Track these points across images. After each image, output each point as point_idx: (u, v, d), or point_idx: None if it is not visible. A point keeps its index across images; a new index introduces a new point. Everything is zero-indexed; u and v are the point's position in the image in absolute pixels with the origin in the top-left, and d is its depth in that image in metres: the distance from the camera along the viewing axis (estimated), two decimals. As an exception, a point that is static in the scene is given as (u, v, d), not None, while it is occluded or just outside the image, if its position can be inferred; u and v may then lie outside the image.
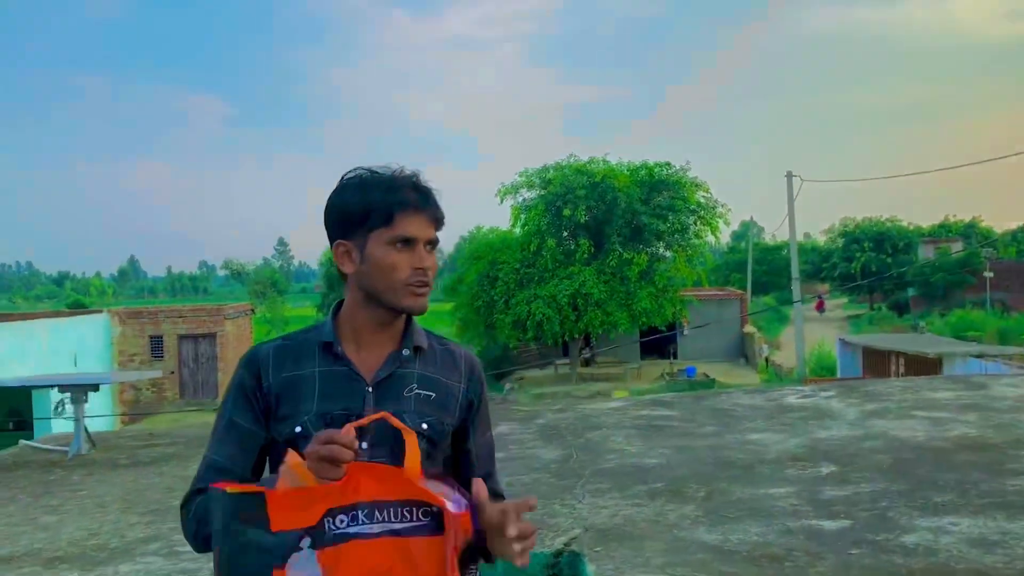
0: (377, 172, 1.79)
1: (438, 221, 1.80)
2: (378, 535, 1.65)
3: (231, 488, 1.64)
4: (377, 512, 1.66)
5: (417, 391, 1.81)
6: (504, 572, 2.56)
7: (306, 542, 1.63)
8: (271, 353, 1.81)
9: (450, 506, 1.66)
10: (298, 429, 1.72)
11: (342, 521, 1.65)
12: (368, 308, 1.81)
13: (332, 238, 1.82)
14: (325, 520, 1.63)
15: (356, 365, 1.79)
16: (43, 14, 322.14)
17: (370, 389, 1.77)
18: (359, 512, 1.65)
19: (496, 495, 1.84)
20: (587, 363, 36.99)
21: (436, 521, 1.69)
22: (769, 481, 5.46)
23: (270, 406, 1.77)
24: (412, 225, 1.75)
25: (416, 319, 1.90)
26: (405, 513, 1.68)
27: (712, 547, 4.19)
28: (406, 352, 1.82)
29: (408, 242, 1.76)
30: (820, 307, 62.07)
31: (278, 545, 1.63)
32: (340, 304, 1.87)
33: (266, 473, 1.84)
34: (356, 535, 1.64)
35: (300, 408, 1.74)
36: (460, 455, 1.89)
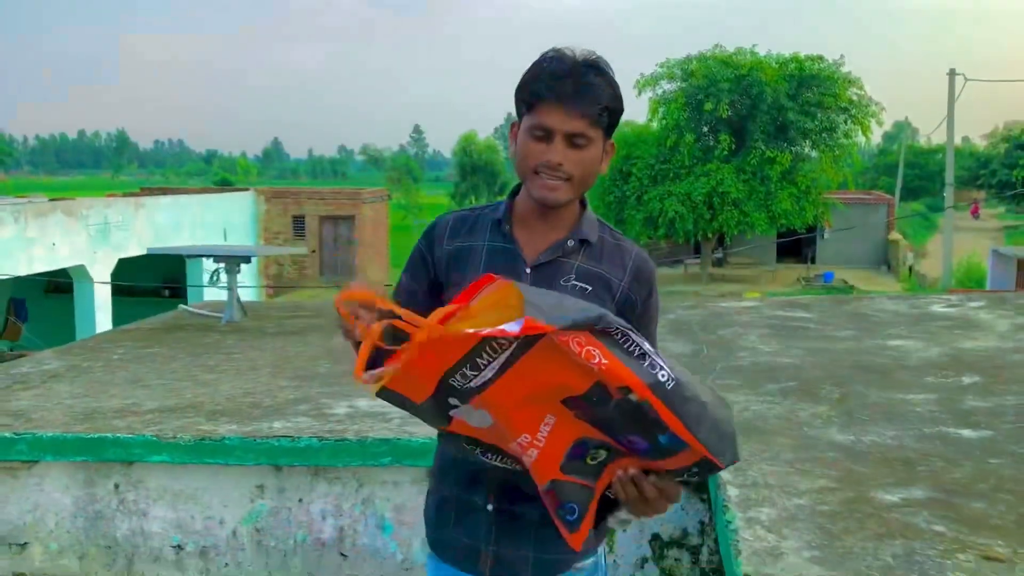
0: (554, 55, 1.77)
1: (590, 117, 1.75)
2: (496, 377, 1.63)
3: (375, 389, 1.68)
4: (478, 359, 1.62)
5: (574, 282, 1.85)
6: None
7: (453, 400, 1.68)
8: (449, 223, 1.92)
9: (510, 327, 1.56)
10: None
11: (464, 377, 1.63)
12: (527, 192, 1.85)
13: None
14: (448, 382, 1.65)
15: (521, 244, 1.86)
16: None
17: (528, 270, 1.84)
18: (465, 368, 1.62)
19: None
20: (719, 263, 36.40)
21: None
22: (907, 387, 5.33)
23: (439, 272, 1.89)
24: (550, 116, 1.73)
25: (590, 210, 1.93)
26: (496, 346, 1.62)
27: (843, 447, 4.16)
28: (571, 243, 1.87)
29: (545, 132, 1.74)
30: (975, 212, 58.72)
31: (434, 408, 1.72)
32: (519, 187, 1.91)
33: None
34: (482, 385, 1.64)
35: (467, 276, 1.81)
36: None
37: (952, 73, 29.93)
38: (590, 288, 1.85)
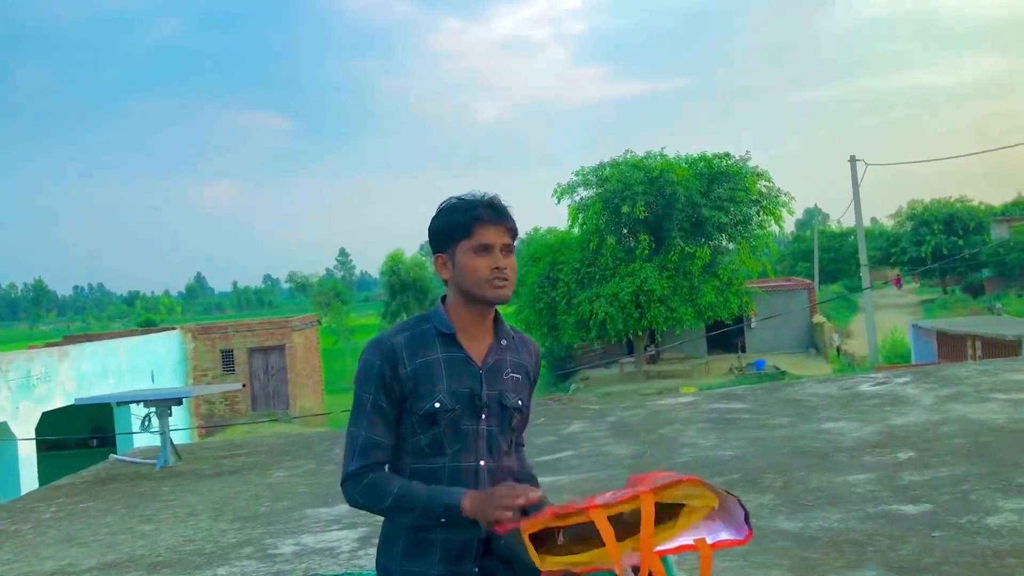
0: (462, 198, 2.24)
1: (511, 230, 2.23)
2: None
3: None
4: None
5: (512, 375, 2.25)
6: None
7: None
8: (403, 344, 2.19)
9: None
10: (437, 404, 2.13)
11: None
12: (467, 305, 2.22)
13: (434, 252, 2.26)
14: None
15: (468, 351, 2.21)
16: (107, 40, 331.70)
17: (482, 373, 2.19)
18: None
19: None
20: (653, 360, 36.76)
21: None
22: (847, 468, 5.44)
23: (407, 388, 2.15)
24: (488, 234, 2.18)
25: (501, 315, 2.30)
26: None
27: (792, 534, 4.21)
28: (504, 342, 2.26)
29: (486, 248, 2.18)
30: (898, 283, 60.55)
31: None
32: (443, 300, 2.28)
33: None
34: None
35: (435, 387, 2.15)
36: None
37: (853, 160, 31.42)
38: (520, 376, 2.26)
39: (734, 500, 1.99)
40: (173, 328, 31.02)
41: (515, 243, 2.27)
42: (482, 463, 2.18)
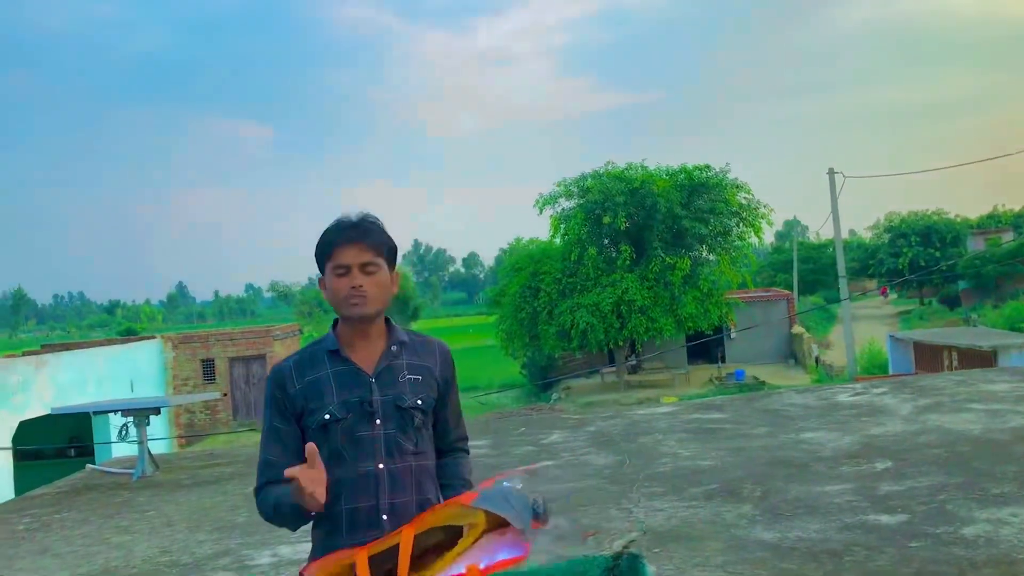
0: (339, 219, 2.34)
1: (373, 247, 2.31)
2: None
3: None
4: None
5: (408, 376, 2.33)
6: (565, 570, 2.65)
7: None
8: (291, 367, 2.34)
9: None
10: (327, 416, 2.24)
11: None
12: (346, 323, 2.33)
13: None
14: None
15: (358, 363, 2.31)
16: (91, 49, 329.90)
17: (373, 380, 2.29)
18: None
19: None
20: (633, 370, 36.81)
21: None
22: (825, 479, 5.46)
23: (298, 406, 2.28)
24: (345, 255, 2.28)
25: (393, 322, 2.41)
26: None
27: (771, 545, 4.22)
28: (394, 348, 2.35)
29: (344, 268, 2.28)
30: (884, 292, 61.03)
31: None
32: (336, 321, 2.40)
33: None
34: None
35: (324, 401, 2.26)
36: (438, 417, 2.41)
37: (832, 172, 31.71)
38: (420, 377, 2.35)
39: (514, 515, 2.00)
40: (153, 337, 30.75)
41: (384, 259, 2.33)
42: (380, 466, 2.26)
